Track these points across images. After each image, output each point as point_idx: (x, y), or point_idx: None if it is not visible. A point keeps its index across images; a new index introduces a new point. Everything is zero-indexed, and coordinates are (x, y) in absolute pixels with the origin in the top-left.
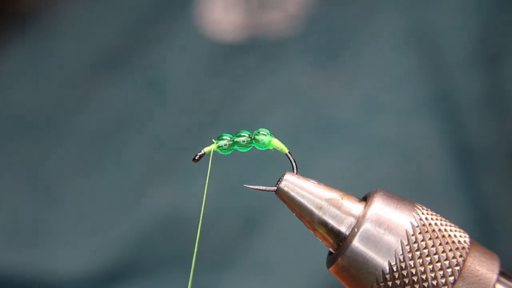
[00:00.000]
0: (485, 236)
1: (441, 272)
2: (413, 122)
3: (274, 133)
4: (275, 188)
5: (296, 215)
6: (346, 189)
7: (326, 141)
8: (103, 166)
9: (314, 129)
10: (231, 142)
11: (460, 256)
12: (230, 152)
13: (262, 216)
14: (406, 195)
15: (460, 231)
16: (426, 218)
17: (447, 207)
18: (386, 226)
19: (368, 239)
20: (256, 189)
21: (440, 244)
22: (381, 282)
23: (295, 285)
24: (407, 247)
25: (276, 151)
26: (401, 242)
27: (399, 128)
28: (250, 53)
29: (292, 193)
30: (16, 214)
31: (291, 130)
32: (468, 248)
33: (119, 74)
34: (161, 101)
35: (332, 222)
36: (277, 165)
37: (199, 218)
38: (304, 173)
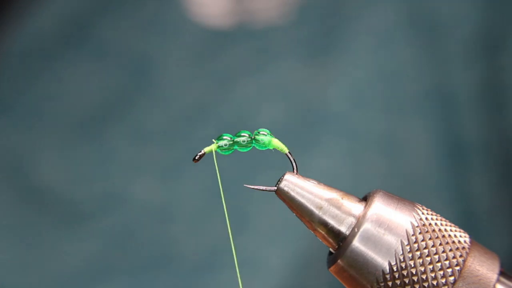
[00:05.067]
0: (471, 234)
1: (441, 272)
2: (404, 117)
3: (263, 126)
4: (275, 188)
5: (296, 215)
6: (334, 184)
7: (315, 135)
8: (87, 155)
9: (304, 123)
10: (231, 142)
11: (460, 256)
12: (230, 152)
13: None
14: (393, 191)
15: (460, 231)
16: (426, 218)
17: (434, 204)
18: (386, 226)
19: (368, 239)
20: (256, 189)
21: (440, 244)
22: (381, 282)
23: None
24: (407, 247)
25: (276, 151)
26: (401, 242)
27: (390, 123)
28: (240, 42)
29: (292, 193)
30: None
31: (280, 124)
32: (468, 248)
33: (104, 61)
34: (146, 89)
35: (332, 222)
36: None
37: (185, 211)
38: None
